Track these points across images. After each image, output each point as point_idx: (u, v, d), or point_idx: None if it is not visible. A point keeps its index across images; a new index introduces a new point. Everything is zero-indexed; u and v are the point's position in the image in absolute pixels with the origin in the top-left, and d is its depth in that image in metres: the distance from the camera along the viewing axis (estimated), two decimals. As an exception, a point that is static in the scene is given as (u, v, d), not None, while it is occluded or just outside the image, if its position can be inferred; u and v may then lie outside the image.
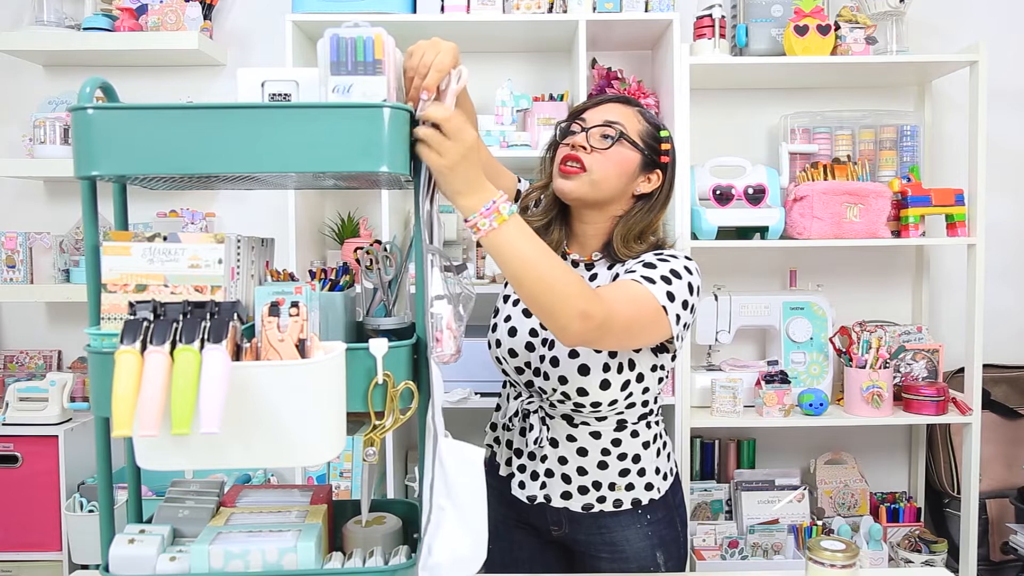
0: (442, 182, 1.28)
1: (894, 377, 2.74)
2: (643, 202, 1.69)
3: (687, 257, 1.64)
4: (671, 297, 1.52)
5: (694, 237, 2.65)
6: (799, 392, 2.72)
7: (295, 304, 1.10)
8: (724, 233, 2.68)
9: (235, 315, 1.08)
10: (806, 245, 2.69)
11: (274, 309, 1.10)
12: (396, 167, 1.16)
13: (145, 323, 1.02)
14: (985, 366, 2.73)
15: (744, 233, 2.73)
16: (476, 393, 2.70)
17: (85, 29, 2.82)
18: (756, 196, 2.67)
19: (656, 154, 1.67)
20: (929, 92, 3.01)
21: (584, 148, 1.62)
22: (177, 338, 1.02)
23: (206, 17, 2.92)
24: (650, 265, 1.57)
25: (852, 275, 3.09)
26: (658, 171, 1.68)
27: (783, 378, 2.69)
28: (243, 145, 1.12)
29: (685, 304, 1.55)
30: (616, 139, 1.62)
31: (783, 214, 2.67)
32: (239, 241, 1.23)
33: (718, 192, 2.66)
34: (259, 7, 3.06)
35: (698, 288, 1.60)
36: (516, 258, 1.35)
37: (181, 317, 1.05)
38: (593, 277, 1.71)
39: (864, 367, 2.65)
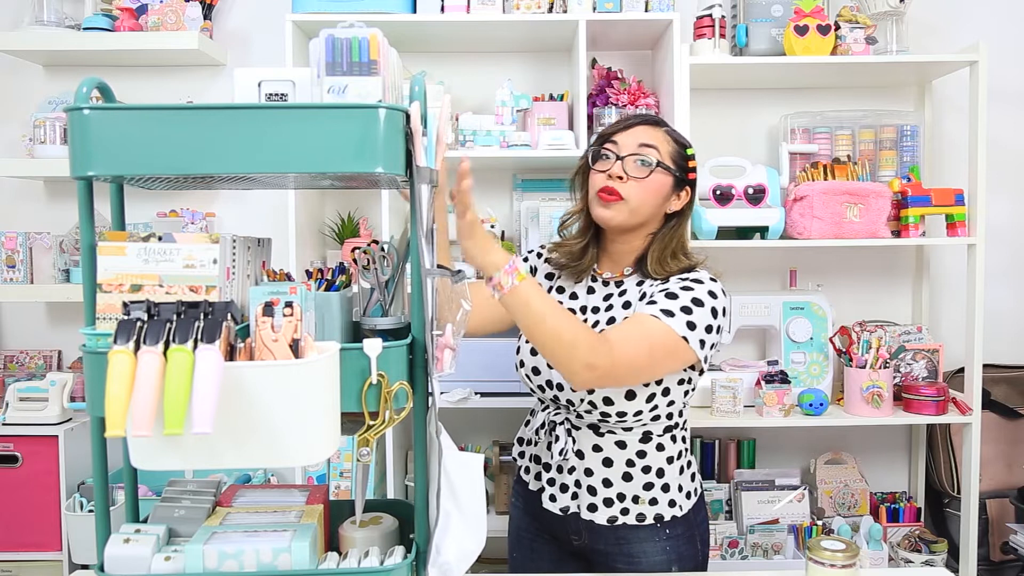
0: (468, 243, 1.48)
1: (894, 377, 2.74)
2: (675, 219, 1.77)
3: (712, 279, 1.71)
4: (691, 326, 1.60)
5: (694, 237, 2.65)
6: (799, 392, 2.72)
7: (289, 304, 1.10)
8: (724, 233, 2.68)
9: (229, 315, 1.08)
10: (806, 245, 2.69)
11: (268, 309, 1.10)
12: (391, 168, 1.16)
13: (139, 323, 1.02)
14: (985, 366, 2.73)
15: (744, 233, 2.73)
16: (476, 393, 2.70)
17: (85, 29, 2.82)
18: (756, 196, 2.67)
19: (685, 172, 1.75)
20: (929, 92, 3.01)
21: (621, 178, 1.69)
22: (170, 338, 1.02)
23: (206, 17, 2.92)
24: (672, 296, 1.64)
25: (852, 275, 3.09)
26: (687, 187, 1.76)
27: (783, 378, 2.69)
28: (238, 146, 1.12)
29: (709, 328, 1.63)
30: (654, 167, 1.68)
31: (783, 214, 2.67)
32: (235, 241, 1.23)
33: (718, 192, 2.66)
34: (259, 7, 3.06)
35: (724, 309, 1.68)
36: (532, 313, 1.51)
37: (175, 317, 1.05)
38: (623, 293, 1.77)
39: (864, 367, 2.65)
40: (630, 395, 1.67)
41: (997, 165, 2.95)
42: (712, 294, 1.65)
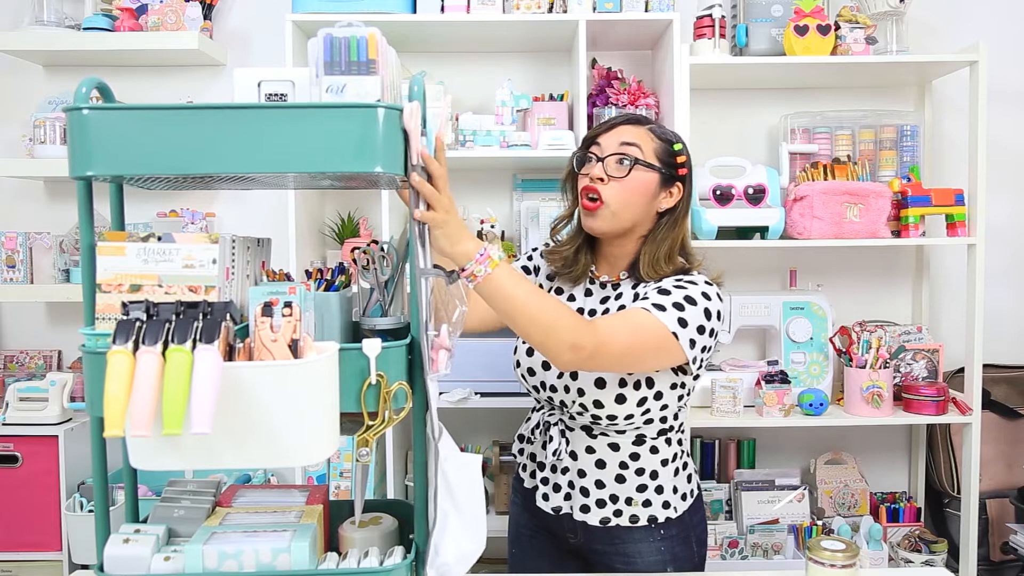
0: (438, 233, 1.37)
1: (894, 377, 2.74)
2: (667, 217, 1.74)
3: (707, 282, 1.68)
4: (683, 323, 1.57)
5: (694, 237, 2.65)
6: (799, 392, 2.71)
7: (288, 304, 1.10)
8: (724, 233, 2.68)
9: (228, 315, 1.08)
10: (806, 245, 2.68)
11: (267, 309, 1.09)
12: (390, 167, 1.16)
13: (138, 323, 1.02)
14: (985, 366, 2.73)
15: (744, 233, 2.73)
16: (476, 393, 2.70)
17: (85, 29, 2.82)
18: (756, 196, 2.67)
19: (673, 168, 1.71)
20: (929, 92, 3.01)
21: (601, 179, 1.66)
22: (169, 338, 1.02)
23: (206, 17, 2.92)
24: (665, 292, 1.62)
25: (852, 275, 3.09)
26: (678, 184, 1.73)
27: (783, 378, 2.69)
28: (236, 145, 1.12)
29: (701, 329, 1.60)
30: (632, 165, 1.65)
31: (783, 214, 2.67)
32: (234, 241, 1.23)
33: (718, 192, 2.66)
34: (259, 7, 3.06)
35: (718, 312, 1.65)
36: (509, 299, 1.46)
37: (174, 317, 1.05)
38: (619, 296, 1.75)
39: (864, 367, 2.64)
40: (620, 399, 1.66)
41: (997, 165, 2.95)
42: (706, 295, 1.63)
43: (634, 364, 1.61)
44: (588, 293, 1.80)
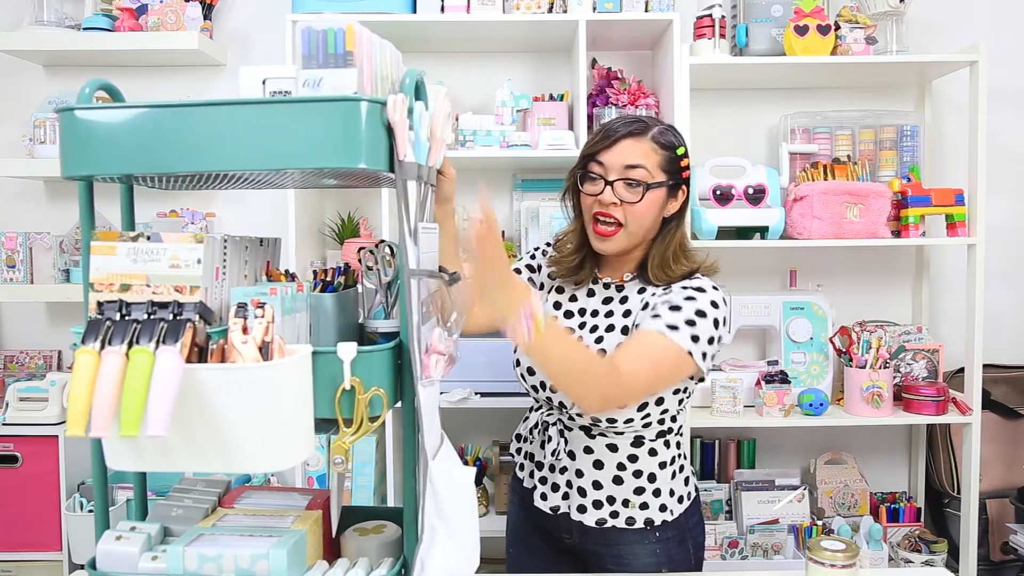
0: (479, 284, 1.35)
1: (894, 377, 2.74)
2: (673, 221, 1.75)
3: (714, 287, 1.68)
4: (695, 339, 1.58)
5: (694, 237, 2.64)
6: (799, 392, 2.71)
7: (261, 305, 1.08)
8: (724, 233, 2.67)
9: (197, 316, 1.06)
10: (806, 245, 2.68)
11: (240, 310, 1.08)
12: (374, 163, 1.13)
13: (107, 323, 1.01)
14: (985, 366, 2.72)
15: (744, 233, 2.73)
16: (476, 393, 2.70)
17: (85, 29, 2.82)
18: (756, 196, 2.66)
19: (678, 174, 1.71)
20: (929, 92, 3.00)
21: (614, 204, 1.66)
22: (134, 339, 1.01)
23: (206, 17, 2.92)
24: (676, 308, 1.61)
25: (852, 275, 3.08)
26: (683, 187, 1.73)
27: (783, 378, 2.69)
28: (214, 143, 1.10)
29: (711, 340, 1.62)
30: (645, 190, 1.65)
31: (783, 214, 2.67)
32: (225, 241, 1.22)
33: (718, 192, 2.66)
34: (259, 7, 3.06)
35: (724, 319, 1.66)
36: (552, 360, 1.45)
37: (144, 317, 1.04)
38: (624, 300, 1.75)
39: (864, 367, 2.64)
40: None
41: (997, 165, 2.94)
42: (715, 304, 1.63)
43: (654, 392, 1.65)
44: (591, 293, 1.80)
